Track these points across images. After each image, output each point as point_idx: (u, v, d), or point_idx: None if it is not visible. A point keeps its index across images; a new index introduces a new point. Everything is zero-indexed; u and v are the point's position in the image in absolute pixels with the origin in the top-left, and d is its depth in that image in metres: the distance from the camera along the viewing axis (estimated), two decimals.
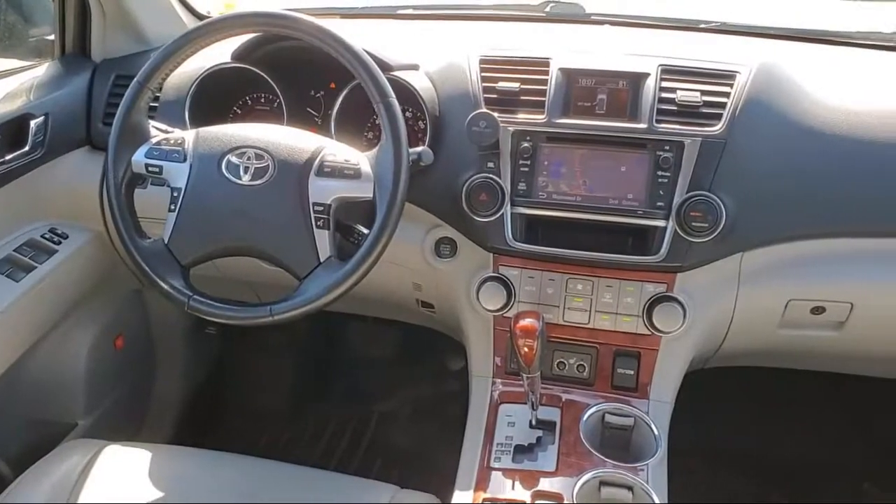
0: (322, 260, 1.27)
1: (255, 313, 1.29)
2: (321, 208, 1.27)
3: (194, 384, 2.33)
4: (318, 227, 1.27)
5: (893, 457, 2.12)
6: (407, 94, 1.48)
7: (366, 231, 1.31)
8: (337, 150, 1.30)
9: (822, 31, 1.86)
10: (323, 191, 1.27)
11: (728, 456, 2.15)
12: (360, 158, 1.29)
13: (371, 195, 1.27)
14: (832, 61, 1.73)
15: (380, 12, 2.12)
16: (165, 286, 1.30)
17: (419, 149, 1.38)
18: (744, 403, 2.17)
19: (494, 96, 1.46)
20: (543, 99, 1.44)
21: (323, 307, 1.27)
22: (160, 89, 1.42)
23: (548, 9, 1.99)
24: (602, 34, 1.86)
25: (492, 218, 1.42)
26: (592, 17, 1.96)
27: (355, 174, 1.27)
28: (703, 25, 1.93)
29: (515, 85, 1.45)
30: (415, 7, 2.08)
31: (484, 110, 1.41)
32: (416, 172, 1.43)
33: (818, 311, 1.46)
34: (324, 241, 1.27)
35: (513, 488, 1.28)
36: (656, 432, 1.37)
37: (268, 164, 1.29)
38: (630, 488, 1.26)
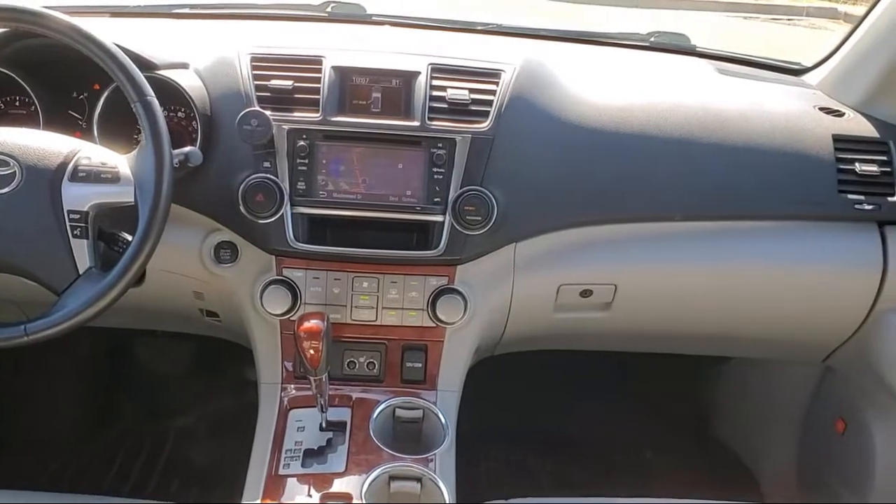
0: (82, 272, 1.20)
1: (6, 334, 1.19)
2: (78, 216, 1.19)
3: None
4: (75, 236, 1.19)
5: (669, 426, 2.31)
6: (174, 93, 1.42)
7: (130, 238, 1.24)
8: (93, 153, 1.22)
9: (587, 33, 2.00)
10: (78, 197, 1.19)
11: (526, 438, 2.24)
12: (118, 161, 1.22)
13: (132, 200, 1.20)
14: (595, 60, 1.86)
15: (154, 10, 2.02)
16: None
17: (186, 149, 1.33)
18: (536, 387, 2.27)
19: (267, 94, 1.43)
20: (318, 97, 1.42)
21: (86, 322, 1.19)
22: None
23: (329, 9, 1.99)
24: (381, 34, 1.88)
25: (271, 219, 1.40)
26: (373, 18, 1.98)
27: (113, 178, 1.20)
28: (479, 27, 2.00)
29: (289, 83, 1.43)
30: (191, 6, 2.00)
31: (255, 108, 1.38)
32: (188, 174, 1.39)
33: (587, 294, 1.55)
34: (83, 252, 1.20)
35: (301, 493, 1.26)
36: (444, 421, 1.41)
37: (14, 171, 1.19)
38: (419, 479, 1.29)
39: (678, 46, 1.94)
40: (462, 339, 1.50)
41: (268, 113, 1.37)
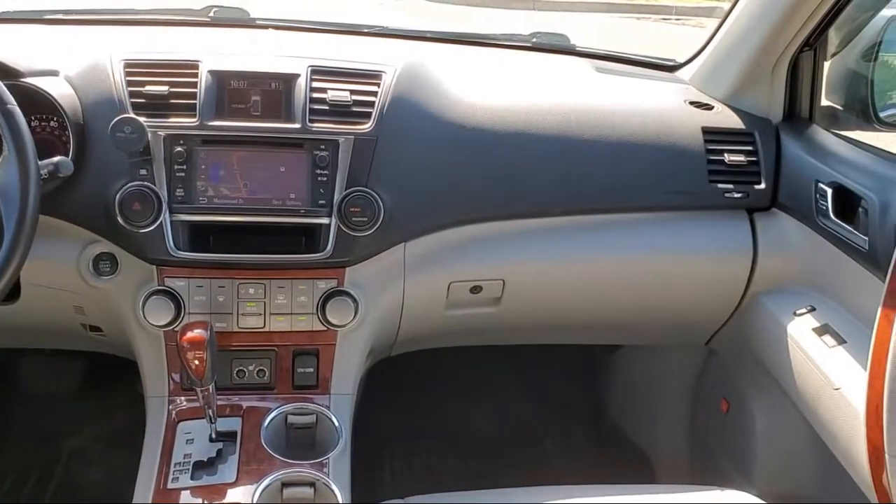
0: None
1: None
2: None
3: None
4: None
5: (567, 415, 2.37)
6: (44, 101, 1.38)
7: None
8: None
9: (470, 34, 2.03)
10: None
11: (429, 436, 2.26)
12: None
13: None
14: (478, 61, 1.89)
15: (23, 16, 1.93)
16: None
17: (55, 159, 1.28)
18: (437, 385, 2.29)
19: (142, 100, 1.40)
20: (194, 102, 1.40)
21: None
22: None
23: (211, 13, 1.95)
24: (264, 38, 1.86)
25: (150, 228, 1.36)
26: (257, 22, 1.95)
27: None
28: (364, 30, 2.00)
29: (164, 88, 1.40)
30: (64, 11, 1.93)
31: (128, 115, 1.35)
32: (61, 185, 1.35)
33: (476, 290, 1.58)
34: None
35: None
36: (337, 425, 1.40)
37: None
38: (311, 484, 1.28)
39: (558, 46, 1.99)
40: (354, 342, 1.50)
41: (142, 119, 1.34)
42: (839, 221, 1.45)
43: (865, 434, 1.24)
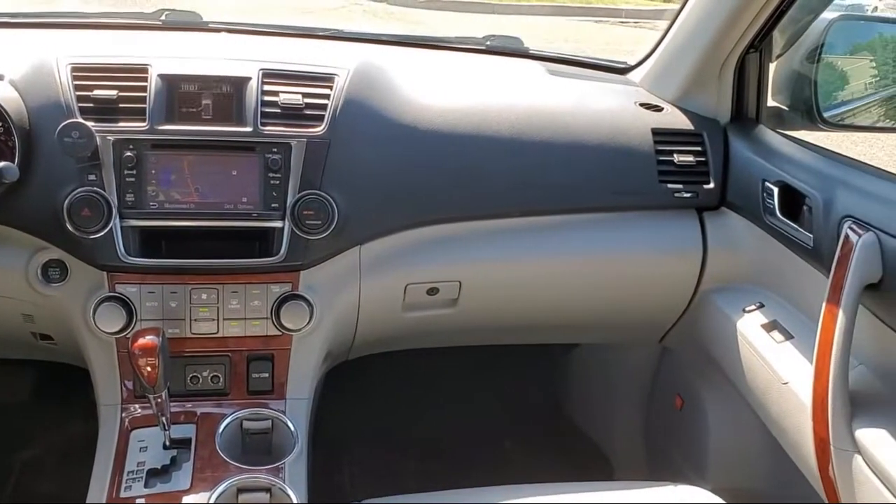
0: None
1: None
2: None
3: None
4: None
5: (525, 414, 2.39)
6: None
7: None
8: None
9: (425, 38, 2.03)
10: None
11: (389, 439, 2.26)
12: None
13: None
14: (433, 64, 1.89)
15: None
16: None
17: None
18: (397, 388, 2.29)
19: (90, 105, 1.38)
20: (144, 106, 1.39)
21: None
22: None
23: (163, 17, 1.93)
24: (217, 42, 1.85)
25: (100, 234, 1.35)
26: (210, 26, 1.94)
27: None
28: (319, 33, 2.00)
29: (113, 92, 1.39)
30: (11, 14, 1.90)
31: (76, 120, 1.33)
32: (6, 191, 1.33)
33: (433, 292, 1.59)
34: None
35: None
36: (293, 429, 1.40)
37: None
38: (267, 490, 1.27)
39: (512, 49, 2.00)
40: (310, 346, 1.49)
41: (91, 124, 1.32)
42: (785, 219, 1.48)
43: (812, 427, 1.28)
